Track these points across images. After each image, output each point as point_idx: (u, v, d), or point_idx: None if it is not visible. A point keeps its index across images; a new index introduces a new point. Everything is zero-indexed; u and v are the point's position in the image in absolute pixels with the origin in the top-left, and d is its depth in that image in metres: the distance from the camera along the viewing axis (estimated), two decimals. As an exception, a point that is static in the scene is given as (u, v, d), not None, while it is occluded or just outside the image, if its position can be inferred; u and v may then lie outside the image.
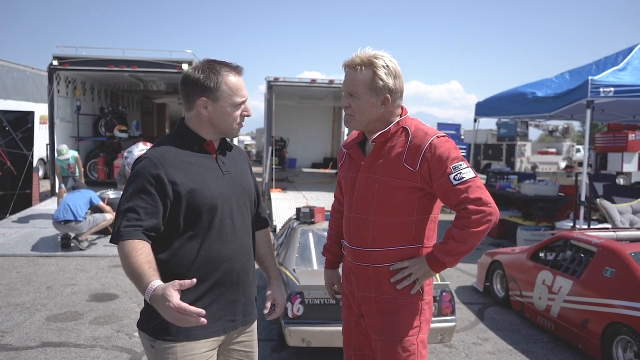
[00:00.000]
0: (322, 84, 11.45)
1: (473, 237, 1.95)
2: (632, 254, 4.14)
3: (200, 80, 1.87)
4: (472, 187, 1.94)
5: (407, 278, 2.04)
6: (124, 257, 1.70)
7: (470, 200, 1.93)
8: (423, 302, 2.10)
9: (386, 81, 1.98)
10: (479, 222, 1.92)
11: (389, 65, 1.99)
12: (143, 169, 1.80)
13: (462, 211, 1.95)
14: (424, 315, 2.10)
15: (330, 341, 3.84)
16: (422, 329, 2.09)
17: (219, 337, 1.91)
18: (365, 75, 1.99)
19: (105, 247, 7.70)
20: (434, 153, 1.95)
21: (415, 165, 1.97)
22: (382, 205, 2.03)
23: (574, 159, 24.70)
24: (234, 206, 1.94)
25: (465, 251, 1.99)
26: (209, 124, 1.92)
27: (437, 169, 1.95)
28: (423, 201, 2.03)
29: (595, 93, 7.14)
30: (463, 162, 1.97)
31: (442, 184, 1.95)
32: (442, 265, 2.02)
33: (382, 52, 2.02)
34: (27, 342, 4.38)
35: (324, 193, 10.75)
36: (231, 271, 1.91)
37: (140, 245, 1.71)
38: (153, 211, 1.77)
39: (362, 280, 2.12)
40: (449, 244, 1.98)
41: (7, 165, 9.81)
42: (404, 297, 2.07)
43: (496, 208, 1.97)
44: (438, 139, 1.98)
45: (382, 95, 2.00)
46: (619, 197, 8.48)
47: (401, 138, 2.04)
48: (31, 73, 15.90)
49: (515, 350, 4.51)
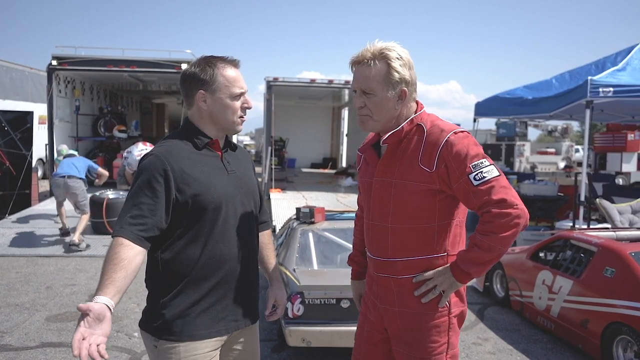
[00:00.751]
0: (321, 84, 11.45)
1: (499, 244, 1.75)
2: (632, 254, 4.14)
3: (196, 74, 1.88)
4: (496, 187, 1.75)
5: (432, 291, 1.86)
6: (111, 254, 1.66)
7: (494, 202, 1.74)
8: (451, 315, 1.90)
9: (402, 73, 1.82)
10: (504, 226, 1.73)
11: (403, 56, 1.83)
12: (150, 166, 1.80)
13: (486, 215, 1.76)
14: (453, 330, 1.91)
15: (331, 341, 3.84)
16: (451, 345, 1.90)
17: (221, 337, 1.91)
18: (379, 69, 1.81)
19: (104, 247, 7.67)
20: (451, 151, 1.77)
21: (431, 165, 1.80)
22: (399, 210, 1.86)
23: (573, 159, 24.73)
24: (238, 206, 1.94)
25: (492, 259, 1.80)
26: (209, 118, 1.92)
27: (456, 169, 1.77)
28: (444, 205, 1.85)
29: (594, 93, 7.14)
30: (485, 160, 1.78)
31: (462, 185, 1.77)
32: (467, 276, 1.82)
33: (392, 43, 1.85)
34: (26, 343, 4.37)
35: (323, 193, 10.75)
36: (234, 271, 1.91)
37: (132, 254, 1.67)
38: (157, 209, 1.76)
39: (385, 292, 1.96)
40: (472, 252, 1.79)
41: (6, 166, 9.80)
42: (430, 312, 1.88)
43: (524, 209, 1.76)
44: (455, 135, 1.80)
45: (399, 89, 1.83)
46: (618, 197, 8.50)
47: (416, 136, 1.87)
48: (30, 73, 15.89)
49: (516, 350, 4.51)
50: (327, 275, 4.20)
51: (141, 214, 1.73)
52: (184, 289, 1.82)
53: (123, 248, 1.67)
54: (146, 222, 1.73)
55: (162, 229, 1.78)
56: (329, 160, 17.94)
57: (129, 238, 1.69)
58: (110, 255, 1.66)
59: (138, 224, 1.72)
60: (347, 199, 9.74)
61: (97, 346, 1.48)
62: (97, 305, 1.53)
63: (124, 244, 1.68)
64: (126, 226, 1.71)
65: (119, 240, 1.69)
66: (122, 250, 1.66)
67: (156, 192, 1.76)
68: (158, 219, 1.76)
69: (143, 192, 1.76)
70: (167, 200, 1.78)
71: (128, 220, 1.72)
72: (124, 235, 1.70)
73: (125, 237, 1.69)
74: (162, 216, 1.77)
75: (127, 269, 1.64)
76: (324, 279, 4.12)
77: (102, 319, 1.52)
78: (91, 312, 1.51)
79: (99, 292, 1.59)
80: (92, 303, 1.54)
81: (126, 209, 1.76)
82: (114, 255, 1.65)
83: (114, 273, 1.62)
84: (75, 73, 12.06)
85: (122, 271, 1.63)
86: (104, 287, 1.59)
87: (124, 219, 1.73)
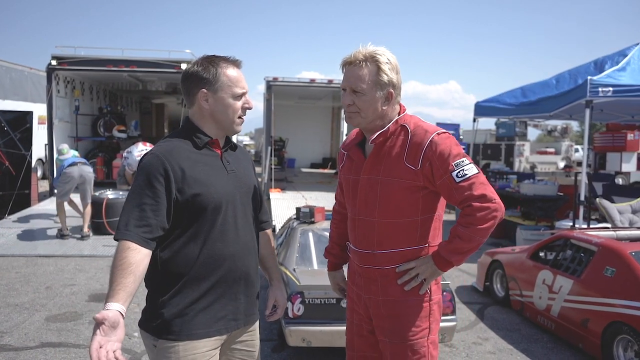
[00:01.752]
0: (321, 84, 11.45)
1: (479, 235, 1.92)
2: (633, 253, 4.14)
3: (199, 73, 1.88)
4: (476, 183, 1.91)
5: (414, 279, 2.01)
6: (119, 258, 1.67)
7: (475, 197, 1.90)
8: (432, 302, 2.07)
9: (390, 76, 1.96)
10: (484, 219, 1.90)
11: (391, 61, 1.98)
12: (150, 165, 1.79)
13: (467, 208, 1.92)
14: (433, 316, 2.07)
15: (331, 341, 3.84)
16: (432, 330, 2.06)
17: (221, 337, 1.90)
18: (369, 71, 1.95)
19: (104, 247, 7.68)
20: (435, 151, 1.92)
21: (416, 164, 1.94)
22: (385, 206, 2.00)
23: (573, 159, 24.74)
24: (238, 205, 1.93)
25: (471, 249, 1.96)
26: (210, 117, 1.92)
27: (439, 167, 1.91)
28: (427, 200, 2.00)
29: (594, 93, 7.14)
30: (465, 159, 1.94)
31: (445, 181, 1.92)
32: (449, 264, 1.99)
33: (382, 47, 1.99)
34: (26, 343, 4.37)
35: (323, 193, 10.74)
36: (233, 270, 1.90)
37: (139, 258, 1.69)
38: (160, 209, 1.75)
39: (369, 283, 2.09)
40: (454, 242, 1.95)
41: (6, 166, 9.79)
42: (412, 299, 2.04)
43: (501, 204, 1.94)
44: (439, 136, 1.95)
45: (386, 91, 1.97)
46: (618, 197, 8.49)
47: (400, 137, 2.01)
48: (29, 73, 15.87)
49: (516, 350, 4.51)
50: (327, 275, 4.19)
51: (145, 215, 1.73)
52: (183, 288, 1.82)
53: (130, 252, 1.68)
54: (150, 224, 1.73)
55: (165, 228, 1.78)
56: (328, 160, 17.92)
57: (135, 241, 1.70)
58: (119, 259, 1.67)
59: (143, 226, 1.72)
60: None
61: (114, 352, 1.52)
62: (111, 313, 1.56)
63: (131, 248, 1.69)
64: (132, 228, 1.71)
65: (126, 244, 1.69)
66: (130, 255, 1.67)
67: (157, 192, 1.76)
68: (161, 219, 1.76)
69: (144, 193, 1.76)
70: (168, 200, 1.77)
71: (133, 222, 1.72)
72: (130, 238, 1.70)
73: (131, 240, 1.70)
74: (165, 216, 1.77)
75: (135, 273, 1.66)
76: (324, 278, 4.08)
77: (116, 326, 1.56)
78: (106, 320, 1.54)
79: (110, 298, 1.61)
80: (107, 311, 1.56)
81: (128, 210, 1.75)
82: (122, 260, 1.66)
83: (123, 278, 1.63)
84: (75, 73, 12.05)
85: (131, 276, 1.65)
86: (115, 293, 1.61)
87: (128, 220, 1.73)
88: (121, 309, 1.60)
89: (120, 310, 1.59)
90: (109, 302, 1.60)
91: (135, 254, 1.68)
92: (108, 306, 1.59)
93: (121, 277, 1.63)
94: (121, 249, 1.69)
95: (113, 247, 6.78)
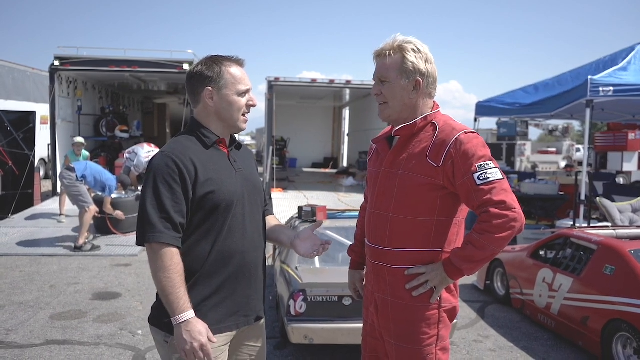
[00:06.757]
0: (322, 84, 11.46)
1: (494, 244, 1.79)
2: (632, 252, 4.17)
3: (203, 71, 1.91)
4: (497, 188, 1.79)
5: (423, 285, 1.91)
6: (159, 266, 1.75)
7: (493, 202, 1.78)
8: (441, 309, 1.94)
9: (416, 64, 1.90)
10: (501, 227, 1.77)
11: (420, 49, 1.93)
12: (165, 166, 1.81)
13: (484, 214, 1.80)
14: (443, 323, 1.95)
15: (333, 338, 3.87)
16: (440, 337, 1.95)
17: (231, 332, 1.93)
18: (395, 59, 1.92)
19: (107, 246, 7.72)
20: (459, 149, 1.83)
21: (439, 161, 1.85)
22: (401, 201, 1.92)
23: (574, 159, 24.69)
24: (247, 203, 1.96)
25: (485, 258, 1.85)
26: (215, 115, 1.95)
27: (462, 167, 1.82)
28: (445, 201, 1.90)
29: (594, 92, 7.17)
30: (491, 162, 1.83)
31: (465, 182, 1.82)
32: (459, 273, 1.86)
33: (412, 37, 1.96)
34: (31, 340, 4.41)
35: (324, 193, 10.77)
36: (243, 265, 1.93)
37: (176, 257, 1.78)
38: (181, 209, 1.80)
39: (379, 280, 2.02)
40: (467, 249, 1.84)
41: (9, 165, 9.84)
42: (421, 305, 1.93)
43: (522, 214, 1.80)
44: (466, 135, 1.86)
45: (412, 79, 1.91)
46: (618, 196, 8.51)
47: (428, 133, 1.93)
48: (32, 73, 15.93)
49: (516, 348, 4.54)
50: (329, 273, 4.24)
51: (169, 216, 1.78)
52: (196, 285, 1.85)
53: (176, 256, 1.78)
54: (177, 224, 1.79)
55: (184, 227, 1.83)
56: (330, 160, 17.94)
57: (173, 244, 1.77)
58: (169, 265, 1.76)
59: (172, 228, 1.78)
60: (348, 199, 9.77)
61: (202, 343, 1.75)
62: (196, 327, 1.75)
63: (173, 252, 1.78)
64: (165, 231, 1.77)
65: (169, 250, 1.77)
66: (176, 258, 1.78)
67: (175, 192, 1.80)
68: (183, 219, 1.81)
69: (164, 194, 1.79)
70: (186, 199, 1.81)
71: (163, 224, 1.77)
72: (168, 241, 1.77)
73: (170, 243, 1.77)
74: (184, 215, 1.82)
75: (179, 270, 1.78)
76: (326, 276, 4.15)
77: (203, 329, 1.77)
78: (202, 336, 1.76)
79: (184, 309, 1.75)
80: (195, 334, 1.74)
81: (151, 211, 1.78)
82: (175, 267, 1.77)
83: (182, 285, 1.77)
84: (78, 73, 12.11)
85: (182, 277, 1.78)
86: (183, 302, 1.76)
87: (157, 223, 1.77)
88: (192, 314, 1.77)
89: (193, 317, 1.77)
90: (183, 313, 1.75)
91: (178, 256, 1.78)
92: (184, 316, 1.75)
93: (180, 284, 1.76)
94: (168, 254, 1.76)
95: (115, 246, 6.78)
